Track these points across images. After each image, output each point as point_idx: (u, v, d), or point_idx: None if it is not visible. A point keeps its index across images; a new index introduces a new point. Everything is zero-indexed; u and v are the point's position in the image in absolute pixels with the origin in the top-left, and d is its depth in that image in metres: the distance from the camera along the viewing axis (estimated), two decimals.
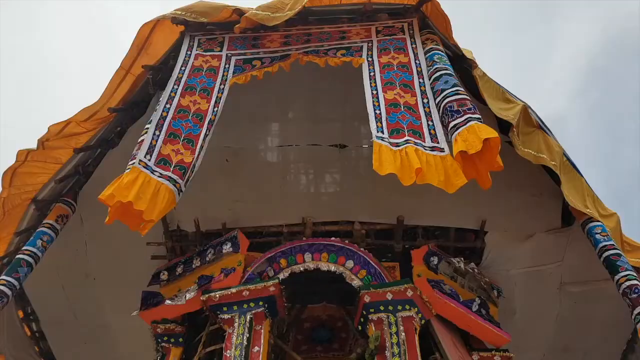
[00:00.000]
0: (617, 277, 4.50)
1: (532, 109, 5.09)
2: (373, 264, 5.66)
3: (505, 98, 5.05)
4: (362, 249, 5.81)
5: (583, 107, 24.64)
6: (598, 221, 4.92)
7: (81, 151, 5.27)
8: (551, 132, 5.18)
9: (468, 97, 4.29)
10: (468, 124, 3.91)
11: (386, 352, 4.90)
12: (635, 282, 4.39)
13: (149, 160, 4.28)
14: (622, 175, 23.78)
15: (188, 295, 5.57)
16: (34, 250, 5.02)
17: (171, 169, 4.29)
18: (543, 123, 5.17)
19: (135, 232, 6.08)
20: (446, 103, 4.26)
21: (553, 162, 4.83)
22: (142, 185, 4.02)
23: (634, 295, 4.30)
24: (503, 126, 4.88)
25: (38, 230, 5.21)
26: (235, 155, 5.70)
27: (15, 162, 5.21)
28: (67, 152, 5.34)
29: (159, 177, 4.18)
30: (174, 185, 4.21)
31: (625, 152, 23.45)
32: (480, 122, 3.91)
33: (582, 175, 5.15)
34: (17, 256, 4.92)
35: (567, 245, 5.52)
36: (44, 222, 5.28)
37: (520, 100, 5.08)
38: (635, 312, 4.22)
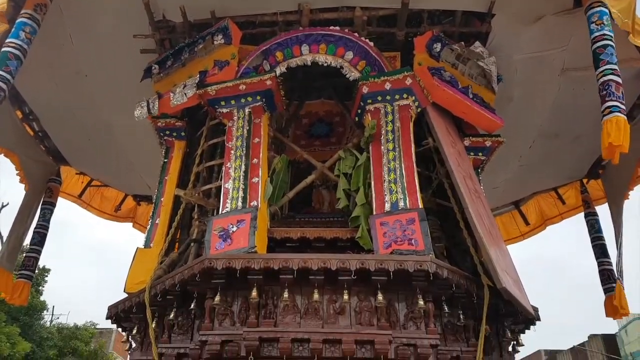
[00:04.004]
0: (597, 72, 4.41)
1: None
2: (373, 54, 5.45)
3: None
4: (362, 38, 5.53)
5: None
6: (600, 6, 4.61)
7: None
8: None
9: None
10: None
11: (381, 138, 5.07)
12: (610, 77, 4.30)
13: None
14: None
15: (188, 92, 5.50)
16: (19, 42, 4.75)
17: None
18: None
19: (119, 25, 5.78)
20: None
21: None
22: None
23: (604, 92, 4.28)
24: None
25: (17, 21, 4.87)
26: None
27: None
28: None
29: None
30: None
31: None
32: None
33: None
34: (3, 49, 4.70)
35: (574, 29, 5.24)
36: (22, 12, 4.90)
37: None
38: (603, 107, 4.25)
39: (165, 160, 5.90)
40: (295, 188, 5.50)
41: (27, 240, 7.37)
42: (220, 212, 4.80)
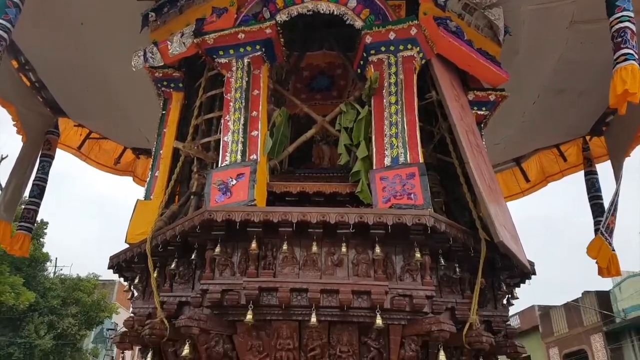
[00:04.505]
0: (611, 19, 4.22)
1: None
2: (377, 2, 5.24)
3: None
4: None
5: None
6: None
7: None
8: None
9: None
10: None
11: (383, 91, 4.97)
12: (626, 24, 4.12)
13: None
14: None
15: (187, 41, 5.36)
16: None
17: None
18: None
19: None
20: None
21: None
22: None
23: (619, 39, 4.11)
24: None
25: None
26: None
27: None
28: None
29: None
30: None
31: None
32: None
33: None
34: None
35: None
36: None
37: None
38: (617, 54, 4.09)
39: (164, 112, 5.82)
40: (295, 142, 5.45)
41: (27, 193, 7.39)
42: (219, 165, 4.78)
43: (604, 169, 7.52)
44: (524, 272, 4.80)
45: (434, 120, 5.41)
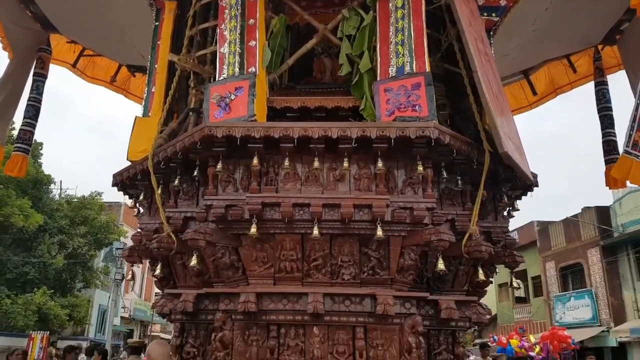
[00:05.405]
0: None
1: None
2: None
3: None
4: None
5: None
6: None
7: None
8: None
9: None
10: None
11: None
12: None
13: None
14: None
15: None
16: None
17: None
18: None
19: None
20: None
21: None
22: None
23: None
24: None
25: None
26: None
27: None
28: None
29: None
30: None
31: None
32: None
33: None
34: None
35: None
36: None
37: None
38: None
39: (157, 24, 5.54)
40: (295, 54, 5.23)
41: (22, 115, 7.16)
42: (217, 79, 4.62)
43: (613, 82, 7.26)
44: (527, 184, 4.79)
45: (442, 27, 5.14)
